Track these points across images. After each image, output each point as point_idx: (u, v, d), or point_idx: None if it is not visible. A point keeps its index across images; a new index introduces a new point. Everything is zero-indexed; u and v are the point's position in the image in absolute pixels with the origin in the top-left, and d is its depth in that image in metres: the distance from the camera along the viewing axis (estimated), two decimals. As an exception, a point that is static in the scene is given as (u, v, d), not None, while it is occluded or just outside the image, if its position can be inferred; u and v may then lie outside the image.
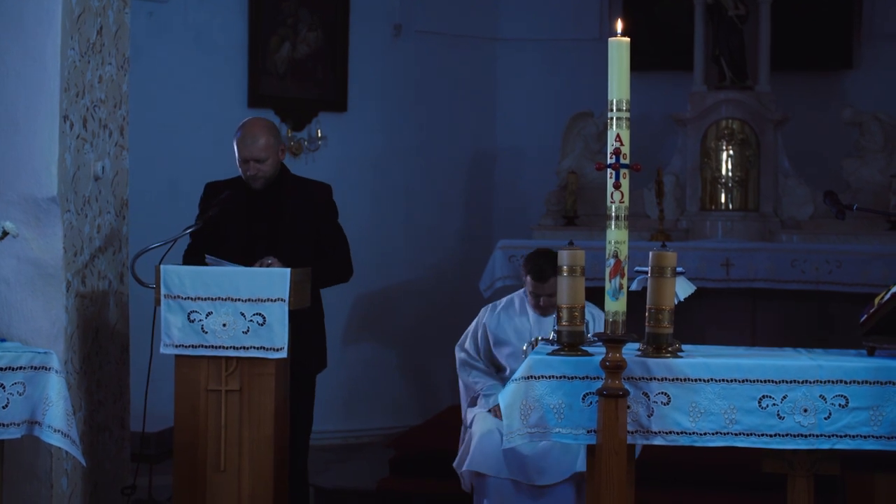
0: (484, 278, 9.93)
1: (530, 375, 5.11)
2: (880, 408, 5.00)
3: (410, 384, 11.20)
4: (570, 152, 10.82)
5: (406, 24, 11.11)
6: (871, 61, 11.20)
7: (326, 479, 8.78)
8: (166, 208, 9.57)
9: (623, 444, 4.91)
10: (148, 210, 8.97)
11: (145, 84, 9.44)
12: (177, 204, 9.70)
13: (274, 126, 7.07)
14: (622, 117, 4.89)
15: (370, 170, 10.92)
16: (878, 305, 5.32)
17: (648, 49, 10.87)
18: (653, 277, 5.15)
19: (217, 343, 6.18)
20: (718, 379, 5.06)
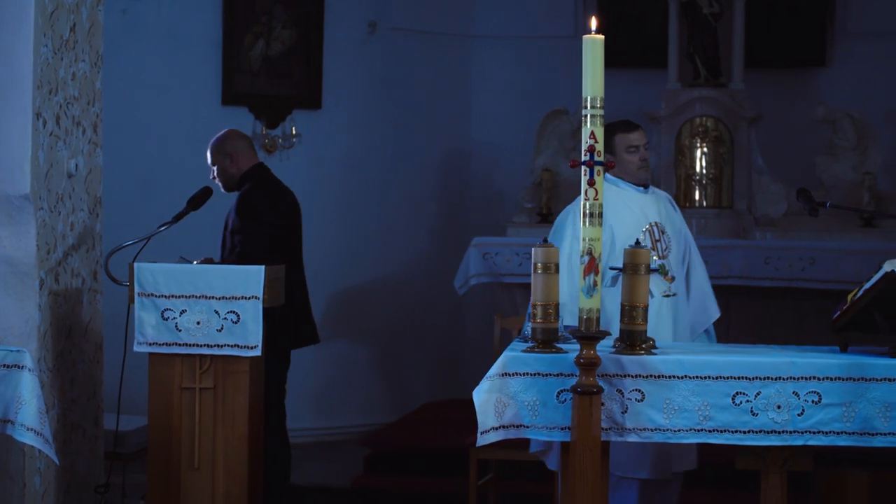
0: (458, 276, 9.93)
1: (504, 372, 5.11)
2: (853, 404, 5.02)
3: (384, 382, 11.20)
4: (544, 150, 10.83)
5: (380, 21, 11.10)
6: (843, 59, 11.24)
7: (300, 477, 8.76)
8: (140, 206, 9.55)
9: (597, 441, 4.92)
10: (121, 207, 8.95)
11: (119, 81, 9.42)
12: (150, 201, 9.69)
13: (222, 138, 7.50)
14: (596, 115, 4.89)
15: (344, 167, 10.91)
16: (850, 302, 5.34)
17: (623, 46, 10.87)
18: (627, 275, 5.16)
19: (191, 341, 6.17)
20: (692, 376, 5.07)
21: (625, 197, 6.34)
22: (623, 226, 6.22)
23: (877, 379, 5.02)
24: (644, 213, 6.32)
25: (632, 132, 6.39)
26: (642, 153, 6.37)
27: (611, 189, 6.27)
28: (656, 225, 6.31)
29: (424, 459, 8.45)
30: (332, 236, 10.82)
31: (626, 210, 6.29)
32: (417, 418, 9.93)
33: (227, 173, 7.43)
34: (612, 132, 6.29)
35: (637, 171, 6.37)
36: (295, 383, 10.44)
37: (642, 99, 10.86)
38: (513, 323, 7.60)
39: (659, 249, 6.26)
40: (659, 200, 6.44)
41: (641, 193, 6.38)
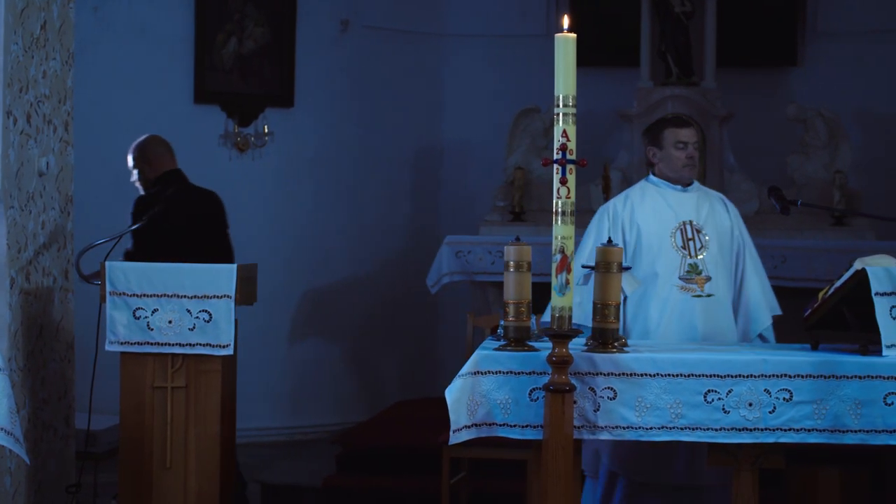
0: (431, 274, 9.93)
1: (477, 371, 5.11)
2: (824, 401, 5.04)
3: (357, 380, 11.19)
4: (516, 148, 10.83)
5: (353, 19, 11.09)
6: (815, 59, 11.29)
7: (273, 476, 8.75)
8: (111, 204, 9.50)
9: (569, 439, 4.93)
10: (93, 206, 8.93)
11: (90, 79, 9.40)
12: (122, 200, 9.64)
13: (143, 143, 7.76)
14: (568, 113, 4.89)
15: (317, 165, 10.90)
16: (821, 300, 5.36)
17: (595, 45, 10.88)
18: (599, 273, 5.17)
19: (163, 340, 6.16)
20: (664, 374, 5.08)
21: (659, 195, 6.28)
22: (650, 224, 6.20)
23: (847, 376, 5.04)
24: (677, 211, 6.23)
25: (682, 128, 6.28)
26: (690, 151, 6.25)
27: (647, 187, 6.31)
28: (690, 224, 6.20)
29: (397, 458, 8.44)
30: (304, 235, 10.82)
31: (656, 208, 6.24)
32: (390, 417, 9.92)
33: (144, 177, 7.63)
34: (662, 126, 6.31)
35: (682, 168, 6.27)
36: (267, 382, 10.48)
37: (615, 97, 10.89)
38: (485, 321, 7.59)
39: (691, 249, 6.16)
40: (702, 200, 6.31)
41: (680, 192, 6.28)
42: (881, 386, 5.03)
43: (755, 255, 6.37)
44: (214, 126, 10.56)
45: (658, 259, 6.12)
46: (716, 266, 6.18)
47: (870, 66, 11.10)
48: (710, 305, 6.14)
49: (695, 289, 6.11)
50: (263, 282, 6.93)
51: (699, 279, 6.12)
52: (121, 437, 6.27)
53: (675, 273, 6.10)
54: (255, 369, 9.86)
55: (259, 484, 8.44)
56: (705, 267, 6.15)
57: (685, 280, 6.09)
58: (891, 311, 5.09)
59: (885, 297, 5.11)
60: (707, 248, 6.18)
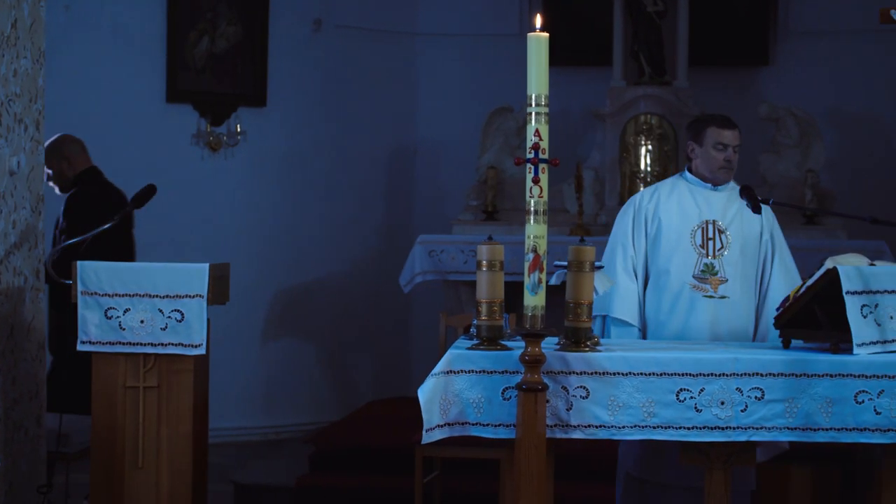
0: (404, 273, 9.92)
1: (449, 370, 5.11)
2: (795, 400, 5.06)
3: (330, 379, 11.19)
4: (489, 147, 10.84)
5: (325, 18, 11.08)
6: (786, 58, 11.34)
7: (245, 476, 8.74)
8: (83, 204, 9.47)
9: (542, 438, 4.93)
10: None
11: (62, 78, 9.36)
12: (94, 199, 9.63)
13: (58, 142, 7.90)
14: (541, 112, 4.90)
15: (289, 164, 10.88)
16: (793, 298, 5.38)
17: (568, 44, 10.92)
18: (571, 272, 5.17)
19: (135, 340, 6.13)
20: (637, 372, 5.09)
21: (688, 191, 6.22)
22: (672, 219, 6.15)
23: (819, 375, 5.06)
24: (702, 210, 6.16)
25: (726, 129, 6.17)
26: (729, 154, 6.15)
27: (679, 182, 6.27)
28: (713, 223, 6.12)
29: (370, 457, 8.44)
30: (277, 234, 10.80)
31: (682, 204, 6.18)
32: (363, 416, 9.91)
33: (63, 176, 7.79)
34: (705, 123, 6.22)
35: (718, 170, 6.17)
36: (240, 382, 10.46)
37: (587, 97, 10.92)
38: (458, 320, 7.60)
39: (710, 248, 6.07)
40: (732, 200, 6.18)
41: (710, 190, 6.20)
42: (852, 384, 5.05)
43: (788, 262, 6.24)
44: (187, 125, 10.54)
45: (674, 255, 6.09)
46: (734, 269, 6.09)
47: (841, 65, 11.15)
48: (722, 307, 6.06)
49: (707, 289, 6.03)
50: (236, 281, 6.91)
51: (714, 280, 6.04)
52: (92, 436, 6.24)
53: (689, 271, 6.05)
54: (228, 369, 9.84)
55: (232, 484, 8.43)
56: (722, 268, 6.06)
57: (699, 279, 6.04)
58: (862, 310, 5.11)
59: (856, 295, 5.13)
60: (727, 250, 6.09)
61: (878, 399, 5.05)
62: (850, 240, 9.89)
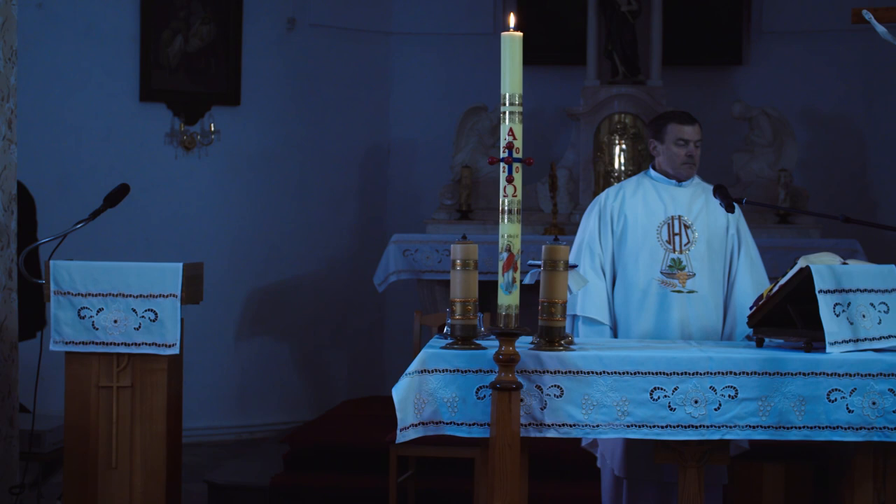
0: (378, 272, 9.91)
1: (424, 369, 5.11)
2: (768, 398, 5.07)
3: (304, 379, 11.17)
4: (463, 146, 10.84)
5: (299, 17, 11.06)
6: (760, 57, 11.37)
7: (220, 475, 8.72)
8: (56, 203, 9.45)
9: (516, 436, 4.93)
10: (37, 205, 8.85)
11: (34, 77, 9.33)
12: (66, 198, 9.60)
13: None
14: (515, 111, 4.90)
15: (263, 164, 10.86)
16: (766, 297, 5.40)
17: (542, 44, 10.92)
18: (546, 271, 5.17)
19: (108, 339, 6.11)
20: (610, 371, 5.10)
21: (653, 188, 6.25)
22: (638, 216, 6.18)
23: (792, 373, 5.08)
24: (668, 206, 6.20)
25: (686, 125, 6.20)
26: (691, 149, 6.19)
27: (643, 180, 6.30)
28: (678, 219, 6.15)
29: (344, 457, 8.44)
30: (250, 233, 10.78)
31: (647, 201, 6.21)
32: (337, 415, 9.90)
33: None
34: (666, 120, 6.26)
35: (681, 165, 6.21)
36: (214, 381, 10.44)
37: (561, 96, 10.93)
38: (433, 320, 7.60)
39: (676, 244, 6.11)
40: (697, 195, 6.25)
41: (675, 186, 6.24)
42: (825, 382, 5.07)
43: (753, 255, 6.29)
44: (160, 124, 10.51)
45: (641, 252, 6.11)
46: (701, 263, 6.13)
47: (814, 65, 11.19)
48: (690, 302, 6.10)
49: (675, 284, 6.07)
50: (210, 280, 6.90)
51: (681, 275, 6.08)
52: (66, 437, 6.22)
53: (657, 267, 6.08)
54: (202, 368, 9.83)
55: (206, 484, 8.41)
56: (689, 263, 6.10)
57: (666, 275, 6.08)
58: (834, 309, 5.13)
59: (829, 294, 5.14)
60: (694, 245, 6.13)
61: (850, 397, 5.07)
62: (823, 238, 9.93)
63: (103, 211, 6.66)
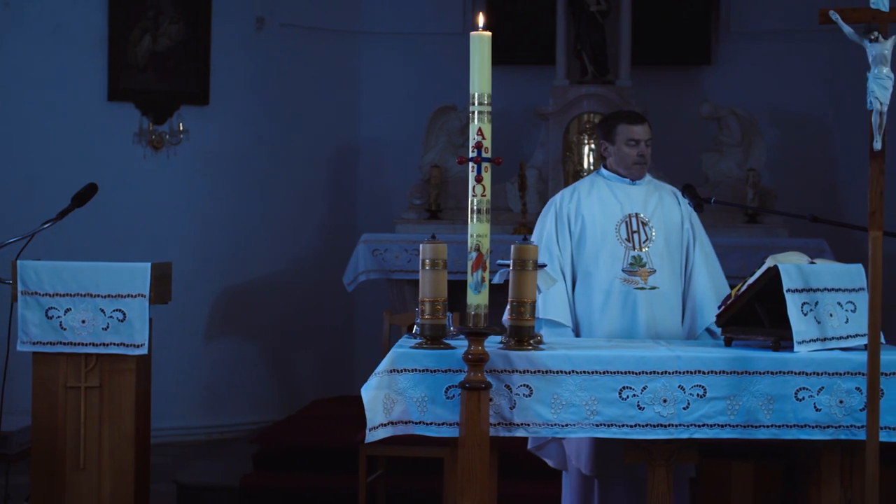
0: (347, 272, 9.90)
1: (393, 369, 5.10)
2: (736, 397, 5.09)
3: (273, 379, 11.15)
4: (433, 146, 10.84)
5: (268, 17, 11.05)
6: (728, 57, 11.41)
7: (189, 476, 8.70)
8: (23, 202, 9.41)
9: (485, 436, 4.93)
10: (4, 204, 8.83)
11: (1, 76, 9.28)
12: (34, 198, 9.57)
13: None
14: (484, 111, 4.91)
15: (232, 163, 10.84)
16: (734, 296, 5.41)
17: (511, 43, 10.94)
18: (515, 270, 5.18)
19: (76, 340, 6.09)
20: (580, 371, 5.10)
21: (607, 187, 6.25)
22: (595, 216, 6.18)
23: (760, 372, 5.09)
24: (623, 204, 6.21)
25: (635, 125, 6.22)
26: (642, 148, 6.21)
27: (596, 180, 6.31)
28: (636, 216, 6.16)
29: (314, 456, 8.43)
30: (219, 233, 10.76)
31: (603, 200, 6.22)
32: (307, 415, 9.89)
33: None
34: (615, 121, 6.28)
35: (632, 165, 6.23)
36: (183, 381, 10.40)
37: (530, 96, 10.95)
38: (402, 319, 7.60)
39: (635, 241, 6.12)
40: (651, 192, 6.27)
41: (628, 185, 6.25)
42: (792, 381, 5.09)
43: (708, 250, 6.33)
44: (129, 124, 10.47)
45: (602, 251, 6.12)
46: (661, 259, 6.15)
47: (783, 65, 11.24)
48: (653, 298, 6.12)
49: (638, 281, 6.09)
50: (178, 280, 6.88)
51: (643, 272, 6.09)
52: (33, 437, 6.20)
53: (618, 265, 6.10)
54: (171, 368, 9.79)
55: (175, 484, 8.39)
56: (649, 260, 6.12)
57: (628, 272, 6.09)
58: (802, 308, 5.15)
59: (797, 293, 5.16)
60: (652, 241, 6.15)
61: (818, 396, 5.09)
62: (791, 238, 9.97)
63: (71, 210, 6.64)
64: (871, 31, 4.92)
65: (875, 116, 4.89)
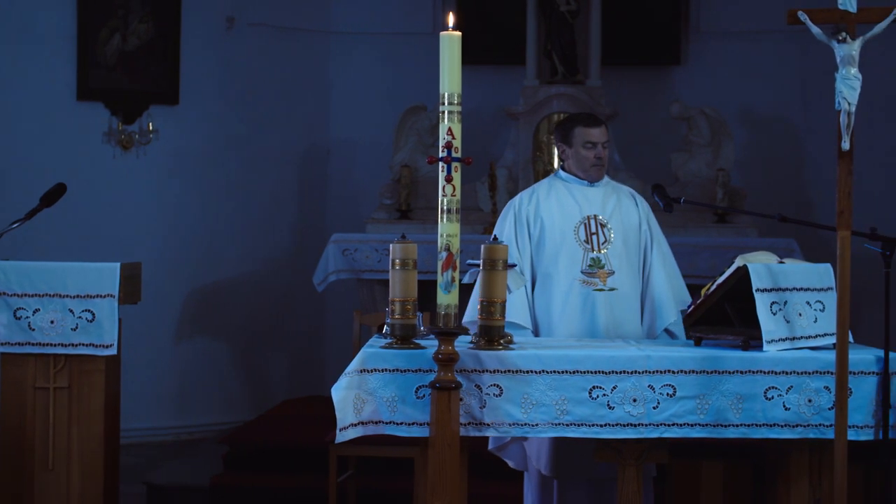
0: (317, 272, 9.90)
1: (363, 369, 5.10)
2: (706, 396, 5.11)
3: (243, 379, 11.13)
4: (403, 146, 10.84)
5: (238, 16, 11.02)
6: (697, 57, 11.44)
7: (158, 476, 8.68)
8: (-9, 202, 9.37)
9: (456, 436, 4.94)
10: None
11: (-31, 75, 9.24)
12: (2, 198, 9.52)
13: None
14: (454, 111, 4.91)
15: (202, 163, 10.81)
16: (704, 296, 5.43)
17: (481, 43, 10.93)
18: (485, 270, 5.18)
19: (45, 340, 6.08)
20: (550, 370, 5.11)
21: (566, 190, 6.26)
22: (554, 218, 6.18)
23: (729, 371, 5.11)
24: (582, 206, 6.22)
25: (592, 127, 6.22)
26: (599, 151, 6.21)
27: (555, 182, 6.31)
28: (594, 218, 6.17)
29: (284, 457, 8.42)
30: (189, 233, 10.73)
31: (561, 203, 6.22)
32: (277, 415, 9.88)
33: None
34: (572, 123, 6.28)
35: (590, 168, 6.24)
36: (153, 382, 10.37)
37: (500, 95, 10.95)
38: (372, 319, 7.60)
39: (594, 243, 6.13)
40: (609, 194, 6.29)
41: (587, 187, 6.26)
42: (762, 380, 5.11)
43: (665, 251, 6.36)
44: (98, 123, 10.43)
45: (561, 253, 6.13)
46: (619, 260, 6.16)
47: (752, 65, 11.27)
48: (612, 299, 6.12)
49: (597, 283, 6.10)
50: (148, 280, 6.86)
51: (601, 273, 6.10)
52: (1, 438, 6.17)
53: (577, 267, 6.10)
54: (140, 369, 9.76)
55: (145, 485, 8.36)
56: (608, 261, 6.12)
57: (587, 274, 6.10)
58: (771, 307, 5.17)
59: (766, 293, 5.18)
60: (611, 243, 6.16)
61: (787, 395, 5.11)
62: (761, 238, 10.00)
63: (40, 210, 6.61)
64: (839, 31, 4.94)
65: (843, 117, 4.92)
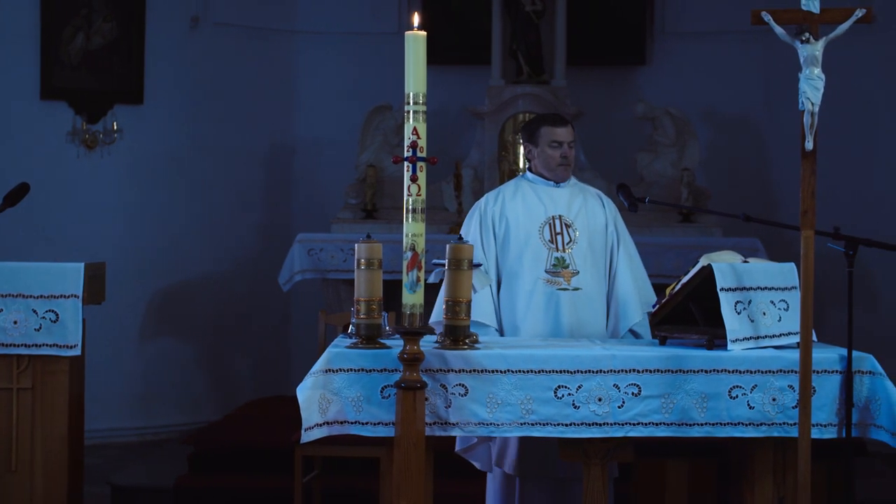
0: (283, 272, 9.88)
1: (328, 369, 5.10)
2: (671, 395, 5.13)
3: (208, 379, 11.10)
4: (369, 145, 10.83)
5: (203, 15, 10.99)
6: (663, 57, 11.47)
7: (123, 477, 8.65)
8: (-46, 202, 9.30)
9: (421, 435, 4.94)
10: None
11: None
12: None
13: None
14: (419, 111, 4.91)
15: (167, 162, 10.78)
16: (669, 296, 5.45)
17: (446, 43, 10.94)
18: (450, 270, 5.19)
19: (8, 341, 6.04)
20: (515, 370, 5.12)
21: (532, 190, 6.27)
22: (519, 218, 6.19)
23: (694, 371, 5.13)
24: (547, 206, 6.22)
25: (558, 127, 6.22)
26: (565, 150, 6.21)
27: (521, 183, 6.31)
28: (559, 218, 6.17)
29: (249, 457, 8.40)
30: (154, 233, 10.70)
31: (527, 203, 6.23)
32: (242, 416, 9.86)
33: None
34: (538, 123, 6.28)
35: (556, 167, 6.23)
36: (117, 382, 10.34)
37: (466, 95, 10.96)
38: (337, 319, 7.59)
39: (559, 242, 6.13)
40: (575, 195, 6.29)
41: (553, 187, 6.26)
42: (726, 379, 5.14)
43: (631, 251, 6.36)
44: (61, 123, 10.39)
45: (525, 252, 6.14)
46: (584, 260, 6.16)
47: (717, 65, 11.32)
48: (576, 299, 6.12)
49: (561, 282, 6.10)
50: (112, 280, 6.84)
51: (566, 273, 6.11)
52: (-36, 439, 6.14)
53: (541, 266, 6.11)
54: (105, 369, 9.72)
55: (109, 486, 8.33)
56: (573, 261, 6.13)
57: (551, 273, 6.11)
58: (735, 307, 5.20)
59: (730, 292, 5.21)
60: (576, 243, 6.16)
61: (751, 394, 5.14)
62: (725, 237, 10.04)
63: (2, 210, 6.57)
64: (803, 32, 4.97)
65: (806, 117, 4.94)
